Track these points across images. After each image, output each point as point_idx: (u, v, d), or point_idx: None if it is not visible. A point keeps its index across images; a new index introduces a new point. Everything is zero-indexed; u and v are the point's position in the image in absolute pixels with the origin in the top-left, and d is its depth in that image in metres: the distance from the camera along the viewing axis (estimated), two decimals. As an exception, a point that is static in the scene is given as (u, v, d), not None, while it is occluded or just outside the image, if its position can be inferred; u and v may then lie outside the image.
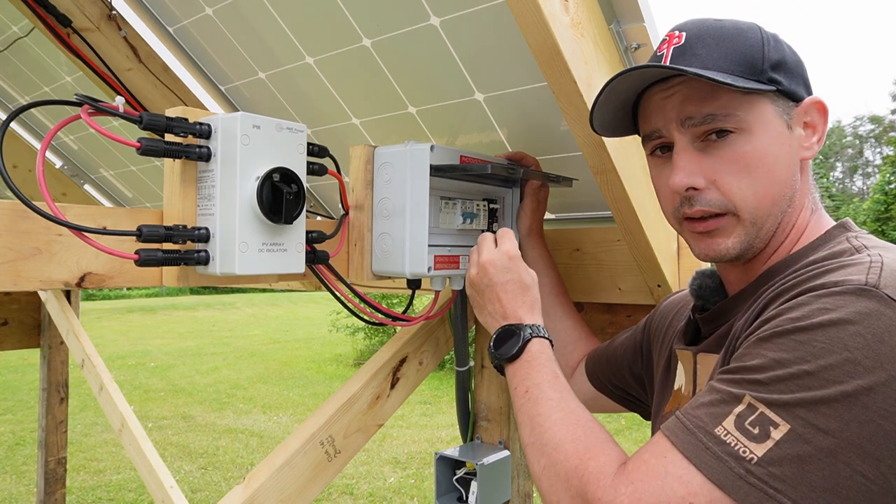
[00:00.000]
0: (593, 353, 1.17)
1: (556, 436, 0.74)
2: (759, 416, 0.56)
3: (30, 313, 3.13)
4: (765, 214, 0.73)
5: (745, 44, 0.73)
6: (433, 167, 1.06)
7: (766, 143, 0.72)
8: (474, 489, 1.31)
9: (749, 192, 0.73)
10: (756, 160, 0.72)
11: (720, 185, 0.73)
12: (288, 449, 1.07)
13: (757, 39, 0.73)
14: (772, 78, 0.72)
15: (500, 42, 1.14)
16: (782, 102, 0.74)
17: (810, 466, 0.54)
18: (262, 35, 1.45)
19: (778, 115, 0.73)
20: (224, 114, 0.87)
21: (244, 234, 0.86)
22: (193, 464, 5.62)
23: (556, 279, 1.26)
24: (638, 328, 1.09)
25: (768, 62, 0.72)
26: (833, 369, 0.55)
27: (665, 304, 1.04)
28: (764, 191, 0.73)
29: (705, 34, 0.74)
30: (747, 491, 0.55)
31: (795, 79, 0.74)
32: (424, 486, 5.08)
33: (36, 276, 0.79)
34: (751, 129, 0.72)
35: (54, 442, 3.13)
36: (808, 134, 0.76)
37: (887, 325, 0.56)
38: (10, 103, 2.51)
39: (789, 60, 0.74)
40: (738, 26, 0.75)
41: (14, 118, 0.76)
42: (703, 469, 0.57)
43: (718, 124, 0.73)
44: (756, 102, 0.72)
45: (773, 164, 0.72)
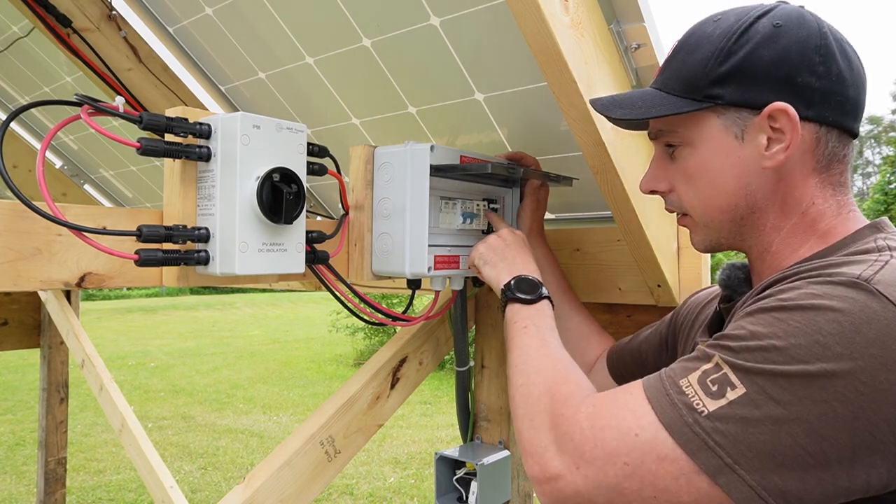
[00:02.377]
0: (615, 348, 1.16)
1: (540, 363, 0.81)
2: (721, 376, 0.60)
3: (30, 313, 3.13)
4: (716, 220, 0.79)
5: (696, 60, 0.75)
6: (433, 167, 1.06)
7: (707, 156, 0.76)
8: (474, 489, 1.31)
9: (696, 200, 0.79)
10: (698, 173, 0.77)
11: (676, 191, 0.82)
12: (288, 449, 1.07)
13: (710, 52, 0.73)
14: (709, 94, 0.73)
15: (500, 42, 1.14)
16: (731, 114, 0.73)
17: (754, 430, 0.57)
18: (262, 35, 1.45)
19: (723, 129, 0.74)
20: (224, 114, 0.87)
21: (244, 234, 0.86)
22: (193, 464, 5.62)
23: (561, 277, 1.26)
24: (663, 323, 1.08)
25: (709, 78, 0.73)
26: (801, 349, 0.57)
27: (692, 300, 1.04)
28: (709, 201, 0.78)
29: (682, 46, 0.78)
30: (690, 437, 0.59)
31: (758, 86, 0.71)
32: (424, 486, 5.08)
33: (36, 276, 0.79)
34: (692, 143, 0.77)
35: (54, 442, 3.13)
36: (774, 141, 0.72)
37: (869, 318, 0.57)
38: (10, 103, 2.51)
39: (753, 66, 0.71)
40: (710, 35, 0.74)
41: (14, 118, 0.76)
42: (657, 410, 0.62)
43: (666, 139, 0.81)
44: (697, 118, 0.76)
45: (715, 176, 0.76)
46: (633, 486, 0.62)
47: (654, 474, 0.61)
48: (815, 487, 0.56)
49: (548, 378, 0.77)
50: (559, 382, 0.75)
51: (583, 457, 0.65)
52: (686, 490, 0.60)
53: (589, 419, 0.66)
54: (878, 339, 0.56)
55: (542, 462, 0.68)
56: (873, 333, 0.56)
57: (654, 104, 0.77)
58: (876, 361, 0.55)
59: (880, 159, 28.11)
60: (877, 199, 14.64)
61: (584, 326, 1.23)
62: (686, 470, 0.59)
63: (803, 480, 0.56)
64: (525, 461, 0.71)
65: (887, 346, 0.55)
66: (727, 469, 0.58)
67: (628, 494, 0.62)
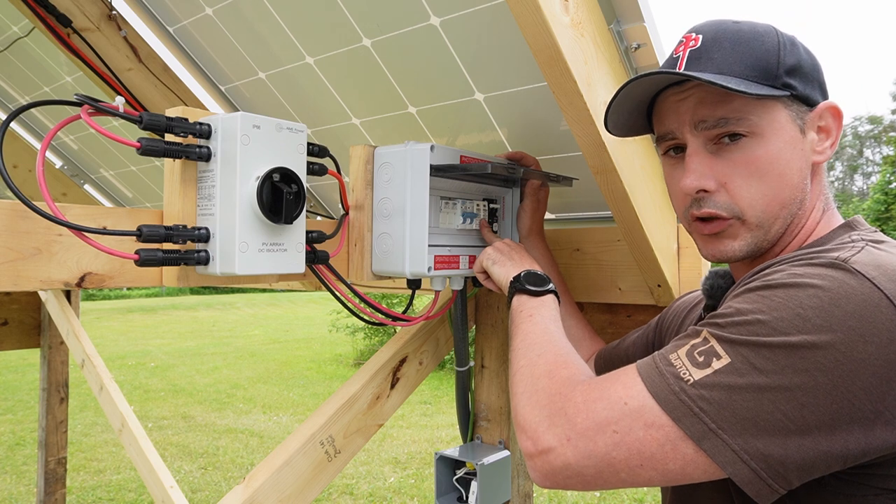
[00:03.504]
0: (603, 352, 1.17)
1: (543, 347, 0.83)
2: (707, 348, 0.63)
3: (30, 313, 3.13)
4: (772, 218, 0.75)
5: (761, 48, 0.74)
6: (433, 167, 1.06)
7: (778, 147, 0.74)
8: (474, 489, 1.31)
9: (758, 196, 0.74)
10: (767, 165, 0.74)
11: (730, 188, 0.75)
12: (288, 449, 1.07)
13: (773, 43, 0.74)
14: (786, 83, 0.73)
15: (500, 42, 1.14)
16: (796, 107, 0.75)
17: (737, 396, 0.60)
18: (262, 35, 1.45)
19: (791, 120, 0.74)
20: (224, 114, 0.87)
21: (244, 234, 0.86)
22: (193, 464, 5.62)
23: (559, 279, 1.26)
24: (650, 327, 1.09)
25: (783, 67, 0.73)
26: (783, 321, 0.60)
27: (678, 304, 1.04)
28: (774, 195, 0.74)
29: (722, 37, 0.75)
30: (676, 404, 0.62)
31: (810, 83, 0.75)
32: (424, 486, 5.08)
33: (36, 276, 0.79)
34: (763, 133, 0.74)
35: (54, 442, 3.13)
36: (821, 138, 0.76)
37: (847, 293, 0.59)
38: (10, 103, 2.51)
39: (805, 65, 0.75)
40: (756, 29, 0.75)
41: (14, 118, 0.76)
42: (646, 381, 0.65)
43: (731, 128, 0.74)
44: (769, 107, 0.74)
45: (784, 168, 0.74)
46: (620, 455, 0.64)
47: (642, 441, 0.63)
48: (796, 452, 0.58)
49: (549, 361, 0.79)
50: (560, 366, 0.77)
51: (574, 428, 0.67)
52: (672, 456, 0.62)
53: (583, 394, 0.69)
54: (856, 313, 0.58)
55: (535, 436, 0.69)
56: (851, 307, 0.58)
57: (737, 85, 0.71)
58: (854, 333, 0.57)
59: (880, 159, 28.12)
60: (877, 199, 14.62)
61: (577, 330, 1.23)
62: (672, 436, 0.61)
63: (784, 446, 0.58)
64: (518, 437, 0.73)
65: (865, 318, 0.58)
66: (711, 434, 0.60)
67: (616, 464, 0.64)
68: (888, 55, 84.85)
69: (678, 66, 0.77)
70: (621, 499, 4.76)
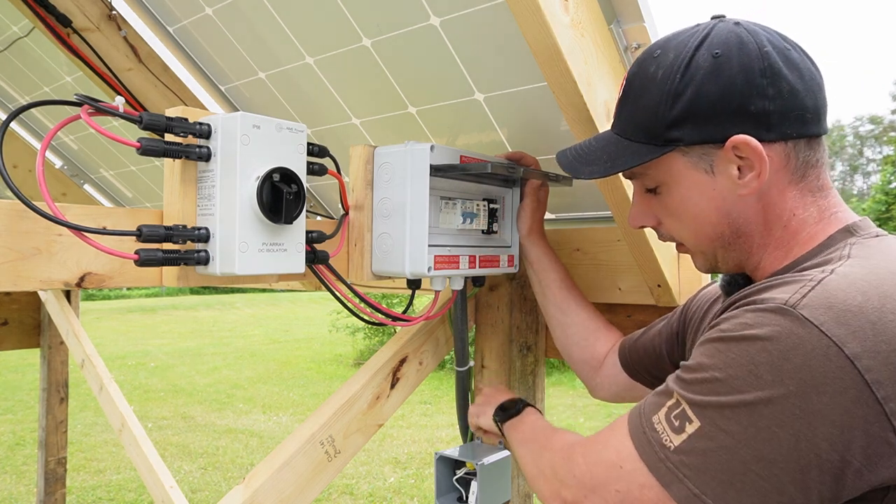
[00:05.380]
0: (626, 342, 1.16)
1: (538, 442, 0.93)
2: (681, 412, 0.66)
3: (30, 313, 3.13)
4: (706, 248, 0.81)
5: (647, 105, 0.76)
6: (433, 167, 1.06)
7: (684, 194, 0.78)
8: (474, 489, 1.31)
9: (685, 233, 0.82)
10: (680, 210, 0.80)
11: (665, 226, 0.84)
12: (288, 449, 1.07)
13: (659, 96, 0.74)
14: (668, 139, 0.74)
15: (500, 42, 1.14)
16: (696, 152, 0.74)
17: (711, 460, 0.62)
18: (262, 35, 1.45)
19: (691, 166, 0.76)
20: (224, 114, 0.87)
21: (244, 233, 0.86)
22: (193, 464, 5.62)
23: (564, 274, 1.25)
24: (674, 316, 1.08)
25: (665, 122, 0.74)
26: (738, 379, 0.61)
27: (702, 295, 1.04)
28: (696, 231, 0.80)
29: (631, 90, 0.79)
30: (663, 471, 0.65)
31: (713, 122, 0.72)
32: (424, 486, 5.08)
33: (36, 276, 0.79)
34: (667, 183, 0.79)
35: (54, 442, 3.13)
36: (745, 169, 0.73)
37: (794, 344, 0.59)
38: (10, 103, 2.51)
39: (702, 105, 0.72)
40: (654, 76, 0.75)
41: (14, 118, 0.76)
42: (637, 447, 0.69)
43: (642, 182, 0.83)
44: (664, 161, 0.77)
45: (696, 211, 0.78)
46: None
47: (640, 500, 0.67)
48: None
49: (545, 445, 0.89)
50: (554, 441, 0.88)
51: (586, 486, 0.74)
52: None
53: (583, 457, 0.76)
54: (805, 364, 0.58)
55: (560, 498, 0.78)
56: (800, 359, 0.58)
57: (619, 155, 0.79)
58: (806, 385, 0.58)
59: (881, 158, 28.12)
60: (878, 199, 14.62)
61: (591, 322, 1.23)
62: (663, 498, 0.65)
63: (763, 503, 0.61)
64: None
65: (814, 369, 0.58)
66: (695, 498, 0.63)
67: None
68: (888, 55, 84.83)
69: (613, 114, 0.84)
70: (621, 499, 4.76)
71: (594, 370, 1.21)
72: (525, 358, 1.46)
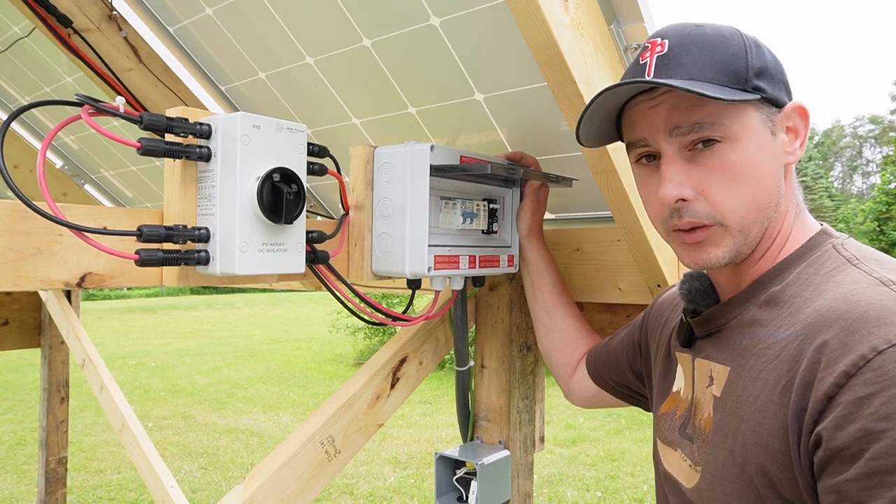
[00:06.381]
0: (593, 351, 1.18)
1: None
2: None
3: (30, 313, 3.13)
4: (752, 222, 0.74)
5: (728, 52, 0.72)
6: (433, 167, 1.06)
7: (753, 151, 0.73)
8: (474, 489, 1.31)
9: (737, 201, 0.73)
10: (743, 169, 0.72)
11: (708, 195, 0.74)
12: (288, 449, 1.07)
13: (740, 46, 0.73)
14: (756, 86, 0.72)
15: (500, 42, 1.14)
16: (766, 109, 0.74)
17: None
18: (262, 35, 1.45)
19: (762, 123, 0.73)
20: (224, 114, 0.87)
21: (244, 234, 0.87)
22: (193, 464, 5.62)
23: (557, 278, 1.26)
24: (635, 325, 1.09)
25: (752, 70, 0.72)
26: None
27: (660, 301, 1.04)
28: (752, 199, 0.73)
29: (688, 42, 0.73)
30: None
31: (777, 84, 0.74)
32: (424, 486, 5.08)
33: (36, 276, 0.79)
34: (737, 138, 0.72)
35: (55, 441, 3.13)
36: (790, 139, 0.76)
37: None
38: (10, 103, 2.51)
39: (771, 66, 0.74)
40: (721, 32, 0.74)
41: (15, 118, 0.77)
42: None
43: (706, 133, 0.72)
44: (742, 111, 0.73)
45: (759, 172, 0.73)
46: None
47: None
48: None
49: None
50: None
51: None
52: None
53: None
54: None
55: None
56: None
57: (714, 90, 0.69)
58: None
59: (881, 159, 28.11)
60: (879, 199, 14.60)
61: (574, 329, 1.24)
62: None
63: None
64: None
65: None
66: None
67: None
68: (888, 55, 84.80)
69: (646, 73, 0.74)
70: (621, 499, 4.77)
71: (569, 376, 1.23)
72: (525, 358, 1.46)
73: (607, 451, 5.79)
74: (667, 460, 0.85)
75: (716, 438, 0.74)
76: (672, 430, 0.85)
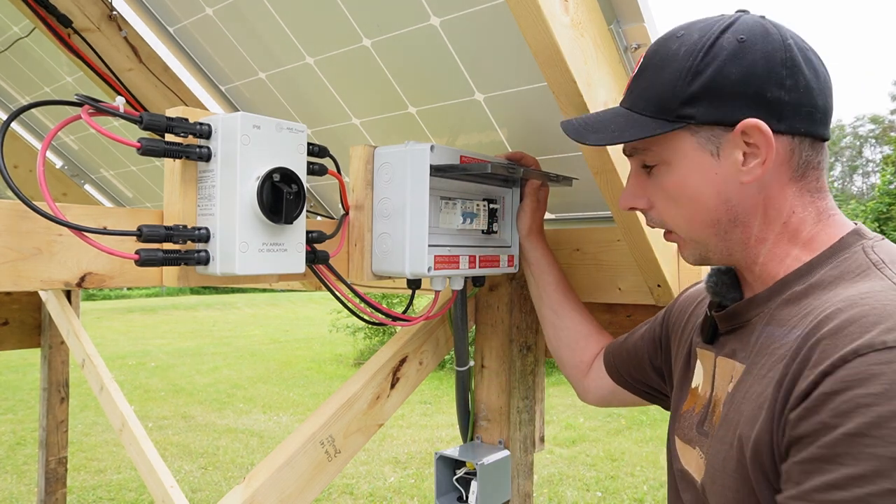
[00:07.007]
0: (611, 347, 1.16)
1: None
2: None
3: (30, 313, 3.13)
4: (700, 235, 0.79)
5: (664, 80, 0.75)
6: (433, 167, 1.06)
7: (685, 174, 0.77)
8: (474, 489, 1.31)
9: (678, 218, 0.80)
10: (678, 191, 0.78)
11: (657, 209, 0.83)
12: (288, 449, 1.07)
13: (678, 72, 0.73)
14: (681, 115, 0.73)
15: (500, 42, 1.14)
16: (705, 132, 0.74)
17: None
18: (262, 35, 1.45)
19: (698, 146, 0.75)
20: (224, 114, 0.88)
21: (244, 234, 0.87)
22: (193, 463, 5.62)
23: (560, 277, 1.26)
24: (656, 321, 1.08)
25: (681, 97, 0.73)
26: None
27: (683, 297, 1.03)
28: (692, 217, 0.78)
29: (649, 66, 0.78)
30: None
31: (728, 103, 0.72)
32: (424, 486, 5.08)
33: (36, 276, 0.79)
34: (669, 162, 0.78)
35: (55, 441, 3.13)
36: (750, 156, 0.73)
37: None
38: (10, 103, 2.51)
39: (721, 84, 0.71)
40: (675, 54, 0.74)
41: (15, 118, 0.77)
42: None
43: (641, 158, 0.81)
44: (671, 137, 0.76)
45: (695, 193, 0.76)
46: None
47: None
48: None
49: None
50: None
51: None
52: None
53: None
54: None
55: None
56: None
57: (627, 127, 0.77)
58: None
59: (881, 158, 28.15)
60: (881, 199, 14.59)
61: (583, 326, 1.23)
62: None
63: None
64: None
65: None
66: None
67: None
68: (888, 55, 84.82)
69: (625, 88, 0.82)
70: (621, 499, 4.77)
71: (582, 374, 1.22)
72: (525, 358, 1.46)
73: (607, 451, 5.79)
74: (684, 458, 0.85)
75: (720, 433, 0.75)
76: (690, 427, 0.85)
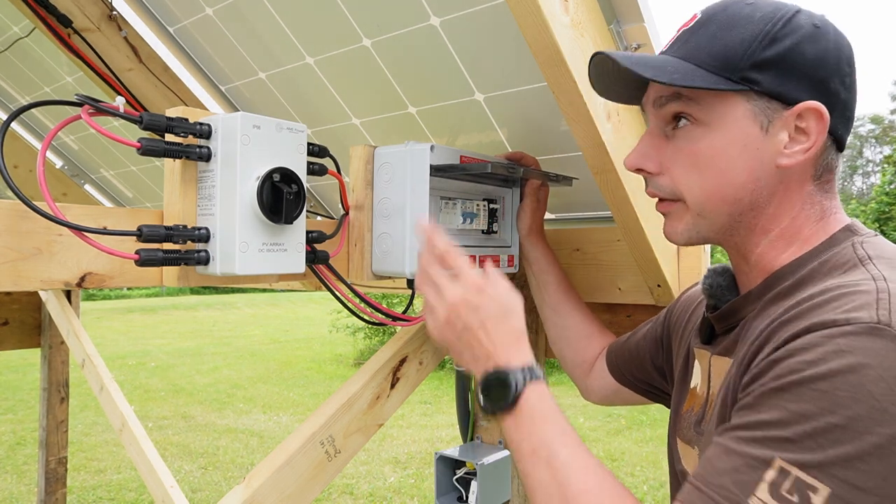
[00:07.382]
0: (614, 346, 1.16)
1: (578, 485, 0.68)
2: (794, 482, 0.54)
3: (30, 313, 3.12)
4: (713, 211, 0.74)
5: (737, 37, 0.70)
6: (433, 167, 1.06)
7: (722, 142, 0.71)
8: (474, 489, 1.31)
9: (696, 187, 0.74)
10: (708, 158, 0.72)
11: (671, 174, 0.76)
12: (288, 449, 1.07)
13: (753, 33, 0.70)
14: (746, 77, 0.69)
15: (500, 42, 1.14)
16: (763, 103, 0.70)
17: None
18: (262, 35, 1.45)
19: (750, 116, 0.70)
20: (224, 114, 0.87)
21: (244, 234, 0.87)
22: (193, 463, 5.62)
23: (561, 276, 1.26)
24: (658, 320, 1.08)
25: (751, 60, 0.69)
26: (862, 420, 0.53)
27: (684, 297, 1.03)
28: (712, 189, 0.73)
29: (715, 18, 0.73)
30: None
31: (792, 79, 0.69)
32: (424, 486, 5.08)
33: (36, 276, 0.79)
34: (709, 124, 0.72)
35: (55, 441, 3.13)
36: (795, 140, 0.70)
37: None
38: (10, 103, 2.51)
39: (794, 59, 0.69)
40: (753, 15, 0.71)
41: (15, 118, 0.77)
42: None
43: (682, 106, 0.73)
44: (724, 99, 0.71)
45: (725, 165, 0.71)
46: None
47: None
48: None
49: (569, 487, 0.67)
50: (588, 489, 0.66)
51: None
52: None
53: None
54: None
55: None
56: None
57: (688, 74, 0.69)
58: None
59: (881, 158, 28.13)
60: (881, 200, 14.58)
61: (585, 326, 1.23)
62: None
63: None
64: None
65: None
66: None
67: None
68: (888, 55, 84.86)
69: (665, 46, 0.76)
70: (621, 499, 4.76)
71: (585, 373, 1.22)
72: (525, 358, 1.46)
73: (607, 451, 5.79)
74: (685, 458, 0.85)
75: (710, 429, 0.75)
76: (689, 427, 0.85)
